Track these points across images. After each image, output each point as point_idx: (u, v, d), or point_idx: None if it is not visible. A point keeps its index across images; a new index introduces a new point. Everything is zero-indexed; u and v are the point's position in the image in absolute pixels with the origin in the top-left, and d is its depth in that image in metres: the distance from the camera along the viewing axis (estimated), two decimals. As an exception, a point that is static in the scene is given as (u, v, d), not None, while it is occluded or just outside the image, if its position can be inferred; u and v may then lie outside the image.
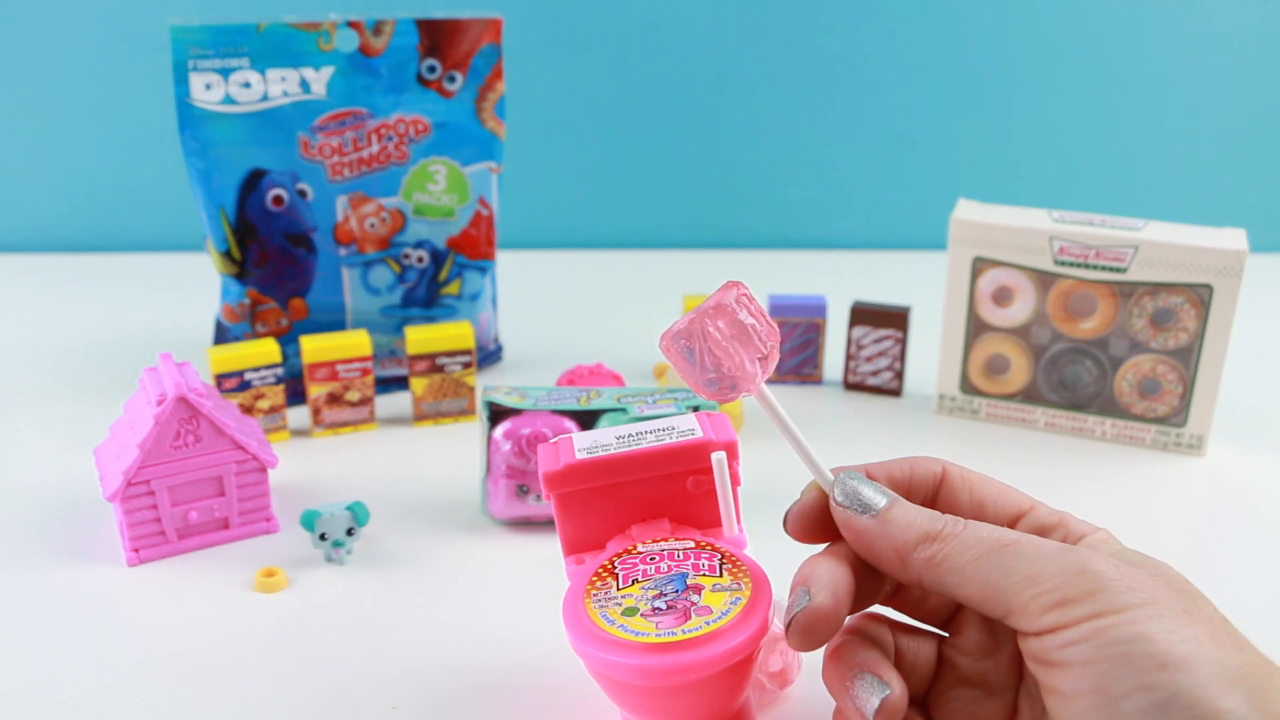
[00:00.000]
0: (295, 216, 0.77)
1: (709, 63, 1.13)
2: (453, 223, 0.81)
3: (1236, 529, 0.63)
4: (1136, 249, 0.69)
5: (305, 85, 0.75)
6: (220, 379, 0.70)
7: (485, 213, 0.82)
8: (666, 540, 0.43)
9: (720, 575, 0.40)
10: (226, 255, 0.76)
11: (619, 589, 0.40)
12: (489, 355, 0.87)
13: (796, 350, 0.83)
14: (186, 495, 0.59)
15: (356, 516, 0.58)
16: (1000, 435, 0.75)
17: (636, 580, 0.41)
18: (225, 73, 0.73)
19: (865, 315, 0.80)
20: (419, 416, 0.76)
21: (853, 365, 0.82)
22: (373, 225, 0.79)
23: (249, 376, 0.71)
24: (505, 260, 0.99)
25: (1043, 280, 0.72)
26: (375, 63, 0.76)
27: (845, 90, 1.14)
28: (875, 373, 0.81)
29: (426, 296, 0.82)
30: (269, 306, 0.78)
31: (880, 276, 1.08)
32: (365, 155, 0.77)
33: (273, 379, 0.72)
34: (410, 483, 0.68)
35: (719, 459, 0.42)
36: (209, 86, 0.73)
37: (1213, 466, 0.71)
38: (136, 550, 0.58)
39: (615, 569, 0.42)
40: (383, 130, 0.77)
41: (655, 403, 0.61)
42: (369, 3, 1.03)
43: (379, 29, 0.76)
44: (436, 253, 0.81)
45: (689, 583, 0.40)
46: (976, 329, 0.75)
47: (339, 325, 0.80)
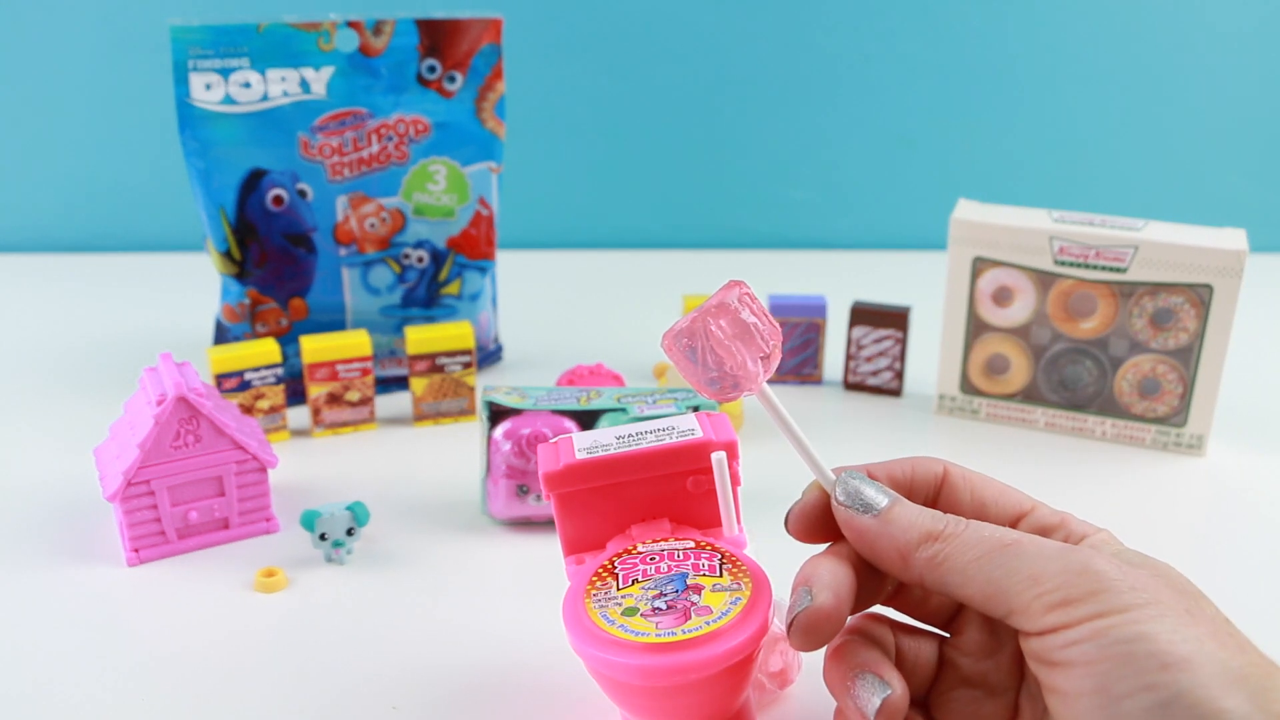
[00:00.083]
0: (295, 216, 0.77)
1: (709, 63, 1.13)
2: (453, 223, 0.81)
3: (1236, 529, 0.63)
4: (1136, 249, 0.69)
5: (305, 85, 0.75)
6: (220, 379, 0.70)
7: (485, 213, 0.82)
8: (666, 540, 0.43)
9: (720, 575, 0.40)
10: (226, 255, 0.76)
11: (619, 589, 0.40)
12: (489, 355, 0.87)
13: (796, 350, 0.83)
14: (186, 495, 0.59)
15: (356, 516, 0.58)
16: (1000, 435, 0.75)
17: (636, 580, 0.41)
18: (225, 73, 0.73)
19: (865, 315, 0.80)
20: (419, 416, 0.76)
21: (853, 365, 0.82)
22: (373, 225, 0.79)
23: (249, 376, 0.71)
24: (505, 260, 0.99)
25: (1043, 280, 0.72)
26: (375, 63, 0.76)
27: (845, 90, 1.14)
28: (875, 373, 0.81)
29: (426, 296, 0.82)
30: (269, 306, 0.78)
31: (880, 276, 1.08)
32: (365, 155, 0.77)
33: (273, 379, 0.72)
34: (410, 483, 0.67)
35: (719, 459, 0.42)
36: (209, 86, 0.73)
37: (1213, 466, 0.71)
38: (136, 550, 0.58)
39: (615, 569, 0.42)
40: (383, 130, 0.77)
41: (655, 403, 0.61)
42: (369, 3, 1.03)
43: (379, 29, 0.76)
44: (436, 253, 0.81)
45: (689, 583, 0.40)
46: (976, 329, 0.75)
47: (339, 325, 0.80)
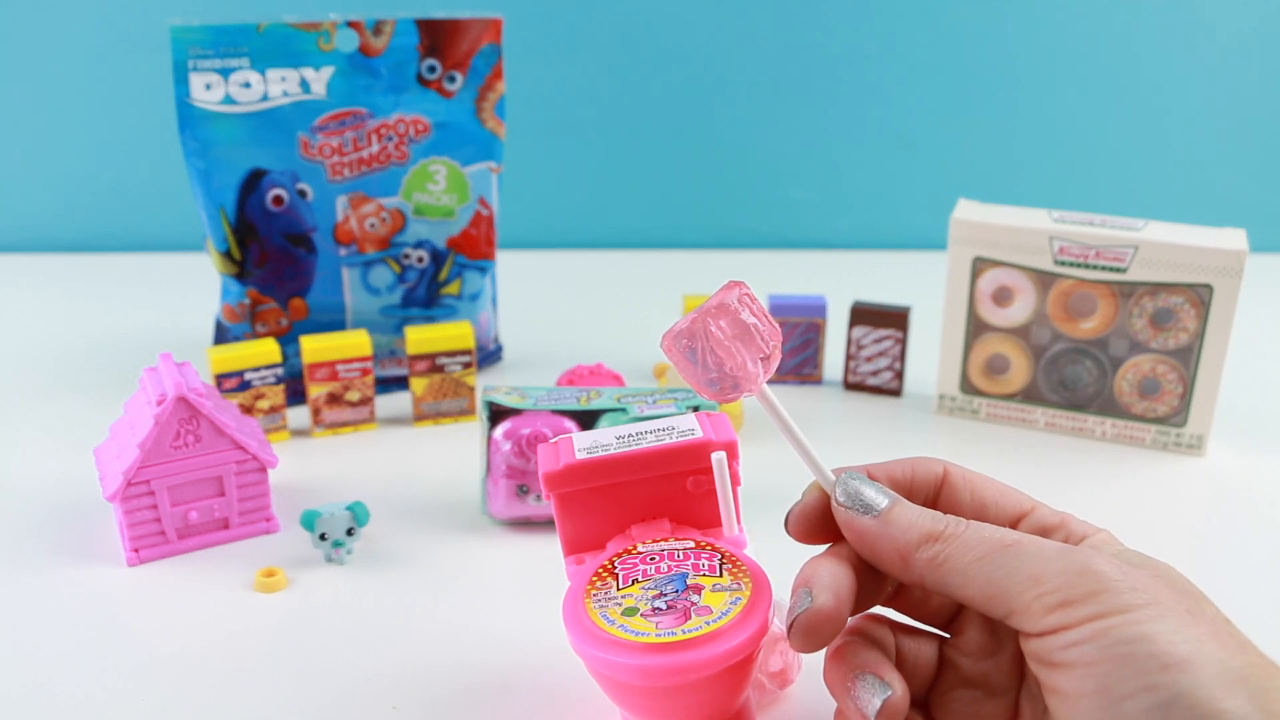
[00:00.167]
0: (295, 216, 0.77)
1: (709, 63, 1.13)
2: (453, 223, 0.81)
3: (1236, 529, 0.63)
4: (1136, 249, 0.69)
5: (305, 85, 0.75)
6: (220, 379, 0.70)
7: (485, 213, 0.82)
8: (666, 540, 0.43)
9: (720, 575, 0.40)
10: (226, 255, 0.76)
11: (619, 589, 0.40)
12: (489, 355, 0.87)
13: (796, 350, 0.83)
14: (186, 495, 0.59)
15: (356, 516, 0.58)
16: (1000, 435, 0.75)
17: (636, 580, 0.41)
18: (225, 73, 0.73)
19: (865, 315, 0.80)
20: (419, 416, 0.76)
21: (853, 365, 0.82)
22: (373, 225, 0.79)
23: (249, 376, 0.71)
24: (505, 260, 0.99)
25: (1043, 280, 0.72)
26: (375, 63, 0.76)
27: (845, 90, 1.14)
28: (875, 373, 0.81)
29: (426, 296, 0.82)
30: (269, 306, 0.78)
31: (880, 276, 1.08)
32: (365, 155, 0.77)
33: (273, 379, 0.72)
34: (410, 483, 0.67)
35: (719, 459, 0.42)
36: (209, 86, 0.73)
37: (1213, 466, 0.71)
38: (136, 550, 0.58)
39: (615, 569, 0.42)
40: (383, 130, 0.77)
41: (655, 403, 0.61)
42: (369, 3, 1.03)
43: (379, 29, 0.76)
44: (436, 253, 0.81)
45: (689, 583, 0.40)
46: (976, 329, 0.75)
47: (339, 325, 0.80)
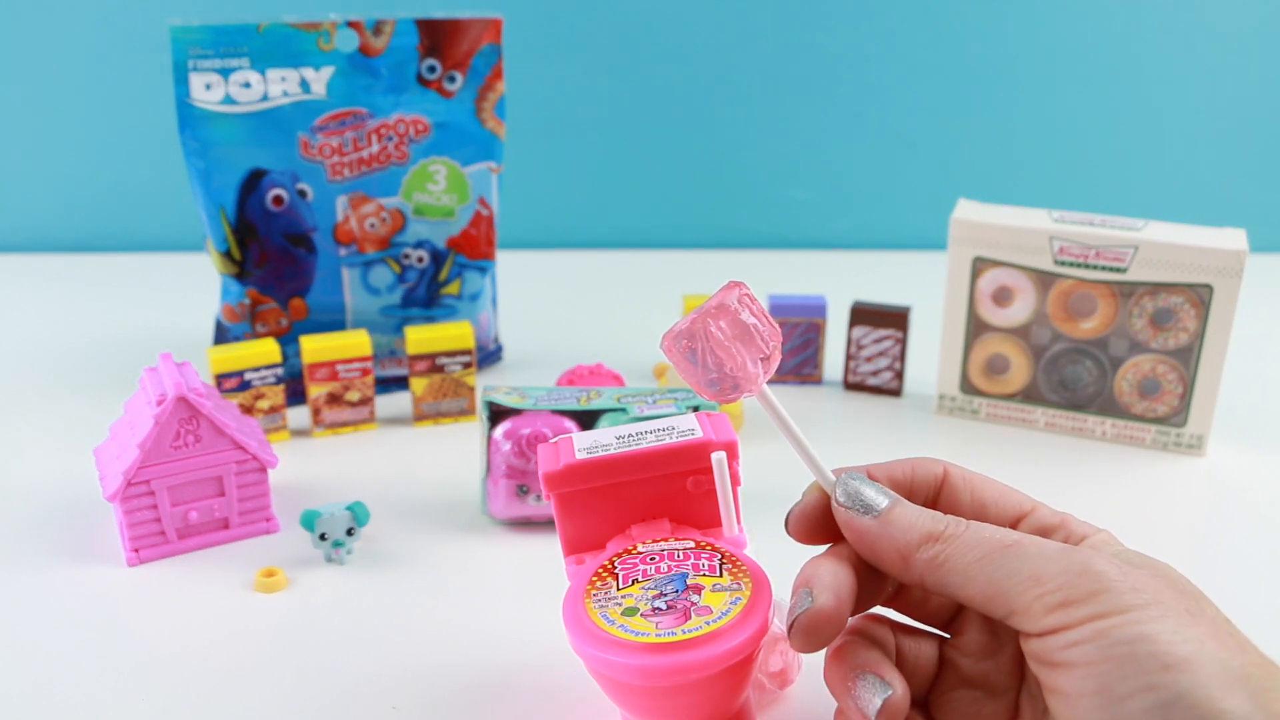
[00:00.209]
0: (295, 216, 0.77)
1: (708, 63, 1.13)
2: (453, 223, 0.81)
3: (1236, 529, 0.63)
4: (1136, 249, 0.69)
5: (305, 85, 0.75)
6: (220, 379, 0.70)
7: (485, 213, 0.82)
8: (666, 540, 0.43)
9: (720, 575, 0.40)
10: (226, 255, 0.76)
11: (619, 589, 0.40)
12: (489, 355, 0.87)
13: (796, 350, 0.83)
14: (186, 495, 0.59)
15: (356, 516, 0.58)
16: (1000, 435, 0.75)
17: (636, 580, 0.41)
18: (225, 73, 0.73)
19: (865, 315, 0.80)
20: (419, 416, 0.76)
21: (853, 365, 0.82)
22: (373, 225, 0.79)
23: (249, 376, 0.71)
24: (505, 260, 0.99)
25: (1043, 280, 0.72)
26: (375, 63, 0.76)
27: (845, 90, 1.14)
28: (875, 373, 0.81)
29: (426, 296, 0.82)
30: (269, 306, 0.78)
31: (880, 276, 1.08)
32: (365, 155, 0.77)
33: (273, 379, 0.72)
34: (410, 483, 0.67)
35: (719, 459, 0.42)
36: (209, 86, 0.73)
37: (1213, 466, 0.71)
38: (136, 550, 0.58)
39: (615, 569, 0.42)
40: (383, 130, 0.77)
41: (655, 403, 0.61)
42: (369, 3, 1.03)
43: (379, 29, 0.76)
44: (436, 253, 0.81)
45: (689, 583, 0.40)
46: (976, 329, 0.75)
47: (339, 325, 0.80)
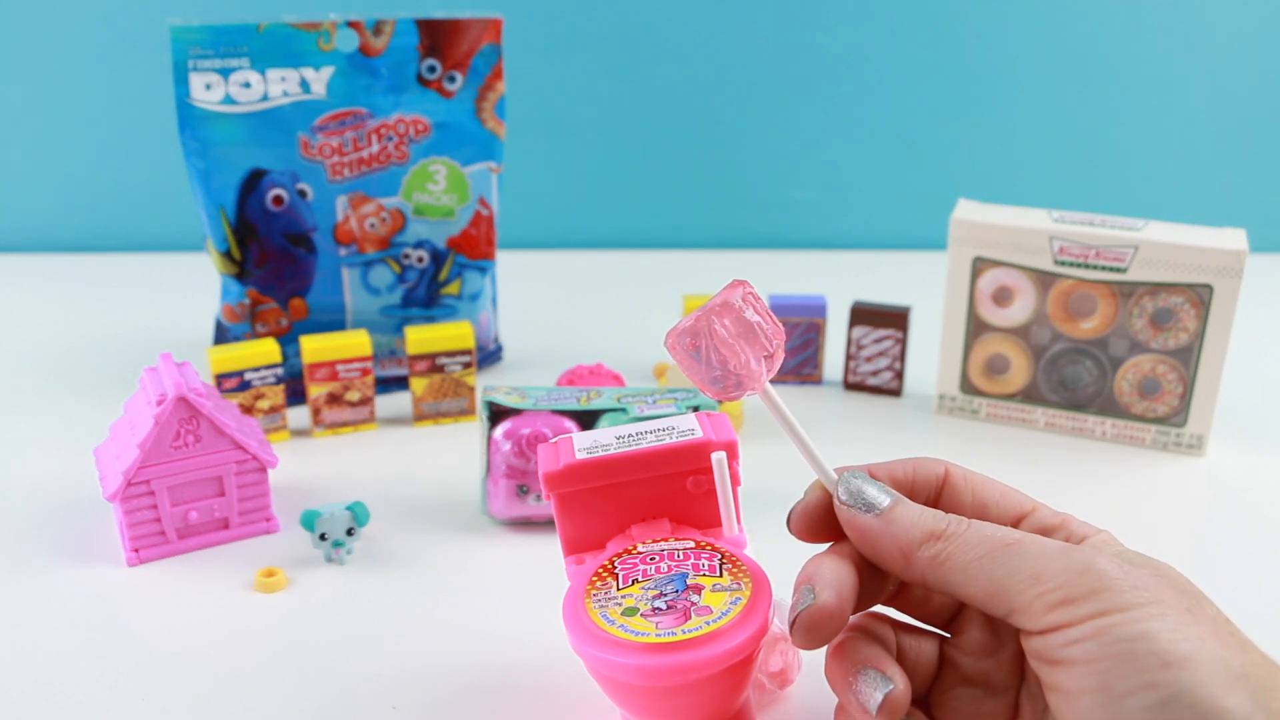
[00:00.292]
0: (295, 216, 0.77)
1: (709, 63, 1.13)
2: (453, 223, 0.81)
3: (1236, 529, 0.63)
4: (1136, 249, 0.69)
5: (305, 85, 0.75)
6: (220, 379, 0.70)
7: (485, 213, 0.82)
8: (666, 540, 0.43)
9: (720, 575, 0.40)
10: (226, 255, 0.76)
11: (619, 589, 0.40)
12: (489, 355, 0.87)
13: (796, 350, 0.83)
14: (186, 495, 0.59)
15: (356, 516, 0.58)
16: (1000, 435, 0.75)
17: (636, 580, 0.41)
18: (225, 73, 0.73)
19: (865, 315, 0.80)
20: (419, 416, 0.76)
21: (853, 365, 0.82)
22: (373, 225, 0.79)
23: (249, 376, 0.71)
24: (505, 260, 0.99)
25: (1043, 280, 0.72)
26: (375, 63, 0.76)
27: (845, 90, 1.14)
28: (875, 373, 0.81)
29: (426, 296, 0.82)
30: (269, 306, 0.78)
31: (880, 276, 1.08)
32: (365, 155, 0.77)
33: (273, 379, 0.72)
34: (410, 483, 0.67)
35: (719, 459, 0.42)
36: (209, 86, 0.73)
37: (1213, 466, 0.71)
38: (136, 550, 0.58)
39: (615, 569, 0.42)
40: (383, 130, 0.77)
41: (655, 403, 0.61)
42: (369, 3, 1.03)
43: (379, 29, 0.76)
44: (436, 253, 0.81)
45: (689, 583, 0.40)
46: (976, 329, 0.75)
47: (339, 325, 0.80)
